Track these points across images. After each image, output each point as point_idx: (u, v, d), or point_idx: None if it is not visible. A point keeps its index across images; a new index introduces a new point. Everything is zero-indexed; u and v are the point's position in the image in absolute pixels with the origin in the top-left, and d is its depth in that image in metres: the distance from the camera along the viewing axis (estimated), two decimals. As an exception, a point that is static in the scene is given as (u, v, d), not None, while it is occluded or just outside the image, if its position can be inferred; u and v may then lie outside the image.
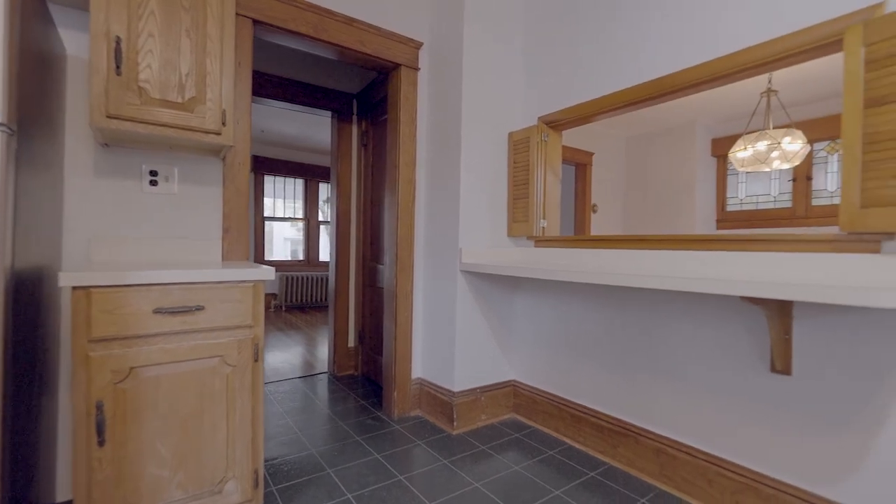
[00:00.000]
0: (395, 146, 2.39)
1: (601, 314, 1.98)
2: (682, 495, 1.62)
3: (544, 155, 2.25)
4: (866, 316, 1.23)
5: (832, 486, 1.29)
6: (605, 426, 1.92)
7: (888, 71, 1.14)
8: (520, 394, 2.37)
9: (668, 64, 1.73)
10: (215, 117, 1.55)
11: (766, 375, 1.43)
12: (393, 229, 2.41)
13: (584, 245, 2.07)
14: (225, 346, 1.35)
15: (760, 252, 1.43)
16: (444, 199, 2.32)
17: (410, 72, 2.40)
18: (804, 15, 1.35)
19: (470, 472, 1.81)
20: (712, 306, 1.58)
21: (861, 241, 1.22)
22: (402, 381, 2.39)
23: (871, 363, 1.22)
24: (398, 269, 2.38)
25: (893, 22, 1.13)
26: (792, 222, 4.25)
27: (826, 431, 1.31)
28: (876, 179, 1.16)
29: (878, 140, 1.16)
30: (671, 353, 1.71)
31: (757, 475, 1.44)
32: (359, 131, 3.21)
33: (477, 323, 2.29)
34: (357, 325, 3.22)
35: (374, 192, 3.01)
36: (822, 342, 1.31)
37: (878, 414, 1.21)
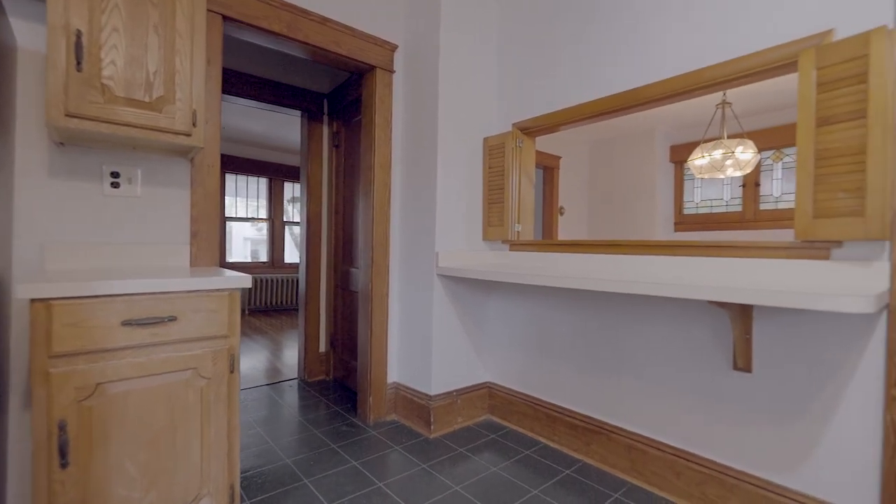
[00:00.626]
0: (370, 149, 2.37)
1: (575, 316, 2.04)
2: (652, 488, 1.71)
3: (519, 160, 2.30)
4: (817, 317, 1.34)
5: (787, 474, 1.40)
6: (578, 425, 1.98)
7: (837, 93, 1.25)
8: (495, 395, 2.41)
9: (637, 77, 1.81)
10: (185, 118, 1.48)
11: (728, 373, 1.53)
12: (368, 232, 2.39)
13: (557, 249, 2.12)
14: (199, 357, 1.29)
15: (724, 258, 1.52)
16: (420, 202, 2.32)
17: (385, 74, 2.38)
18: (763, 38, 1.45)
19: (449, 475, 1.83)
20: (680, 309, 1.67)
21: (813, 248, 1.33)
22: (377, 386, 2.37)
23: (821, 359, 1.33)
24: (373, 273, 2.35)
25: (841, 49, 1.24)
26: (742, 225, 4.54)
27: (782, 423, 1.41)
28: (826, 192, 1.27)
29: (828, 156, 1.26)
30: (641, 353, 1.79)
31: (721, 466, 1.53)
32: (330, 132, 3.15)
33: (453, 326, 2.31)
34: (329, 330, 3.16)
35: (347, 194, 2.96)
36: (779, 341, 1.42)
37: (827, 406, 1.32)
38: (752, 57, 1.44)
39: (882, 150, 1.17)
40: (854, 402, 1.27)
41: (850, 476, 1.28)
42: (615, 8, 1.90)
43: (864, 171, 1.20)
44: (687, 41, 1.65)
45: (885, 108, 1.17)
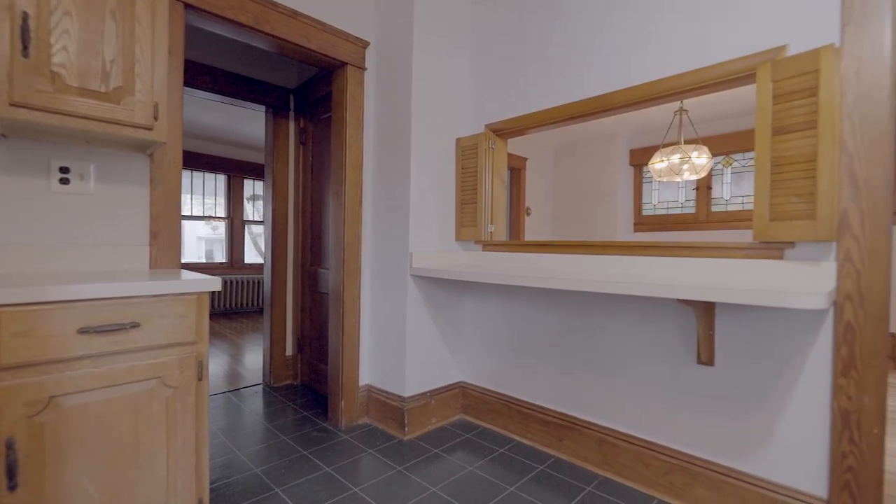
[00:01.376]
0: (341, 147, 2.32)
1: (548, 315, 2.09)
2: (623, 480, 1.77)
3: (491, 161, 2.32)
4: (773, 313, 1.44)
5: (746, 460, 1.49)
6: (551, 421, 2.03)
7: (790, 105, 1.34)
8: (468, 394, 2.42)
9: (607, 83, 1.88)
10: (146, 110, 1.39)
11: (693, 367, 1.61)
12: (339, 233, 2.33)
13: (530, 250, 2.16)
14: (165, 365, 1.22)
15: (688, 258, 1.60)
16: (393, 202, 2.29)
17: (357, 71, 2.34)
18: (725, 50, 1.54)
19: (426, 476, 1.82)
20: (649, 307, 1.74)
21: (769, 249, 1.43)
22: (349, 389, 2.33)
23: (777, 352, 1.43)
24: (345, 274, 2.31)
25: (794, 64, 1.33)
26: (696, 226, 4.80)
27: (742, 413, 1.50)
28: (781, 197, 1.36)
29: (783, 164, 1.36)
30: (612, 349, 1.85)
31: (686, 456, 1.62)
32: (296, 128, 3.06)
33: (427, 326, 2.30)
34: (296, 332, 3.07)
35: (315, 193, 2.89)
36: (739, 336, 1.51)
37: (782, 395, 1.42)
38: (716, 67, 1.52)
39: (830, 159, 1.27)
40: (805, 391, 1.38)
41: (803, 459, 1.38)
42: (585, 17, 1.96)
43: (815, 177, 1.29)
44: (654, 51, 1.73)
45: (833, 120, 1.27)
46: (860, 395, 1.27)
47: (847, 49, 1.29)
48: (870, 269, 1.26)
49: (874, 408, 1.26)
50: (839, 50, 1.29)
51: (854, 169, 1.29)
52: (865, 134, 1.27)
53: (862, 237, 1.27)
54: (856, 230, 1.28)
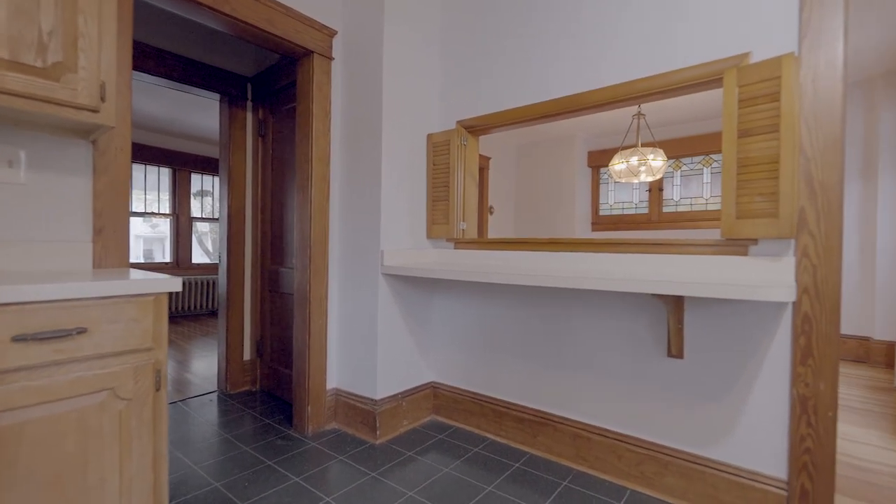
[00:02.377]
0: (307, 140, 2.21)
1: (521, 313, 2.09)
2: (596, 473, 1.81)
3: (463, 158, 2.29)
4: (739, 307, 1.51)
5: (714, 447, 1.56)
6: (525, 418, 2.04)
7: (755, 109, 1.42)
8: (440, 394, 2.38)
9: (579, 83, 1.90)
10: (91, 90, 1.24)
11: (663, 360, 1.67)
12: (305, 230, 2.22)
13: (503, 247, 2.16)
14: (117, 375, 1.09)
15: (657, 254, 1.66)
16: (363, 199, 2.21)
17: (324, 61, 2.24)
18: (693, 54, 1.60)
19: (401, 481, 1.77)
20: (621, 303, 1.78)
21: (735, 245, 1.50)
22: (316, 394, 2.22)
23: (741, 344, 1.51)
24: (311, 273, 2.20)
25: (758, 70, 1.41)
26: (648, 225, 5.04)
27: (709, 402, 1.57)
28: (746, 196, 1.43)
29: (748, 164, 1.43)
30: (585, 345, 1.88)
31: (657, 446, 1.67)
32: (255, 119, 2.89)
33: (398, 326, 2.24)
34: (254, 336, 2.90)
35: (276, 188, 2.74)
36: (707, 330, 1.58)
37: (746, 384, 1.50)
38: (685, 71, 1.58)
39: (791, 161, 1.35)
40: (767, 380, 1.46)
41: (765, 444, 1.46)
42: (559, 16, 1.98)
43: (777, 178, 1.37)
44: (625, 53, 1.77)
45: (793, 124, 1.35)
46: (816, 381, 1.36)
47: (805, 59, 1.38)
48: (825, 264, 1.35)
49: (828, 393, 1.35)
50: (798, 59, 1.38)
51: (811, 171, 1.37)
52: (821, 139, 1.36)
53: (818, 234, 1.36)
54: (812, 228, 1.37)
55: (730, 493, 1.51)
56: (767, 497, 1.44)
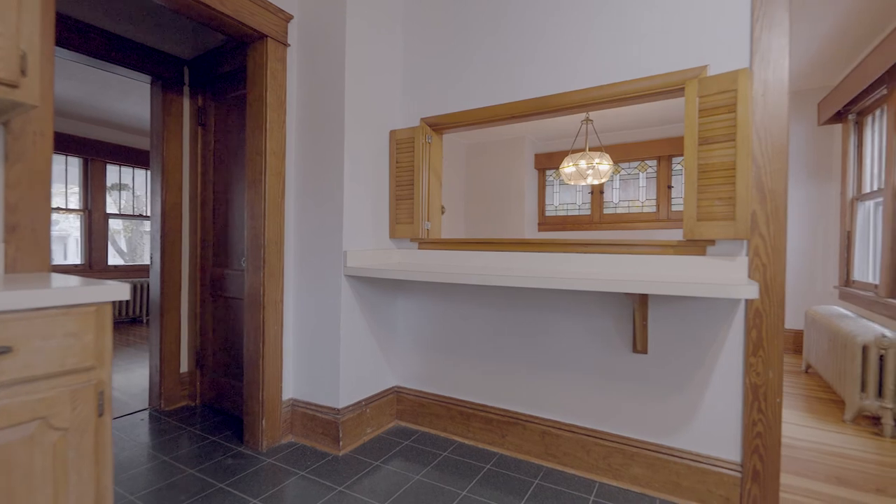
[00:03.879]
0: (260, 131, 2.04)
1: (488, 313, 2.09)
2: (566, 468, 1.85)
3: (428, 156, 2.24)
4: (699, 303, 1.61)
5: (675, 436, 1.65)
6: (494, 419, 2.03)
7: (713, 119, 1.51)
8: (404, 399, 2.32)
9: (551, 86, 1.93)
10: (9, 61, 1.03)
11: (629, 356, 1.74)
12: (258, 229, 2.05)
13: (469, 247, 2.14)
14: (51, 401, 0.92)
15: (626, 255, 1.72)
16: (323, 196, 2.08)
17: (279, 47, 2.08)
18: (656, 64, 1.68)
19: (371, 493, 1.68)
20: (588, 301, 1.83)
21: (695, 246, 1.59)
22: (271, 406, 2.06)
23: (700, 338, 1.61)
24: (265, 276, 2.03)
25: (717, 82, 1.51)
26: (591, 226, 5.30)
27: (671, 394, 1.66)
28: (706, 200, 1.53)
29: (708, 170, 1.52)
30: (552, 344, 1.92)
31: (623, 438, 1.74)
32: (193, 106, 2.62)
33: (361, 331, 2.14)
34: (193, 345, 2.64)
35: (220, 183, 2.51)
36: (668, 325, 1.66)
37: (705, 375, 1.60)
38: (651, 79, 1.66)
39: (746, 168, 1.46)
40: (723, 371, 1.57)
41: (721, 430, 1.57)
42: (529, 18, 1.99)
43: (733, 184, 1.48)
44: (596, 57, 1.82)
45: (747, 134, 1.46)
46: (766, 370, 1.49)
47: (756, 74, 1.50)
48: (773, 263, 1.48)
49: (776, 381, 1.48)
50: (751, 73, 1.49)
51: (761, 178, 1.50)
52: (769, 148, 1.48)
53: (767, 236, 1.49)
54: (762, 230, 1.49)
55: (690, 478, 1.61)
56: (723, 479, 1.56)
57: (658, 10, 1.69)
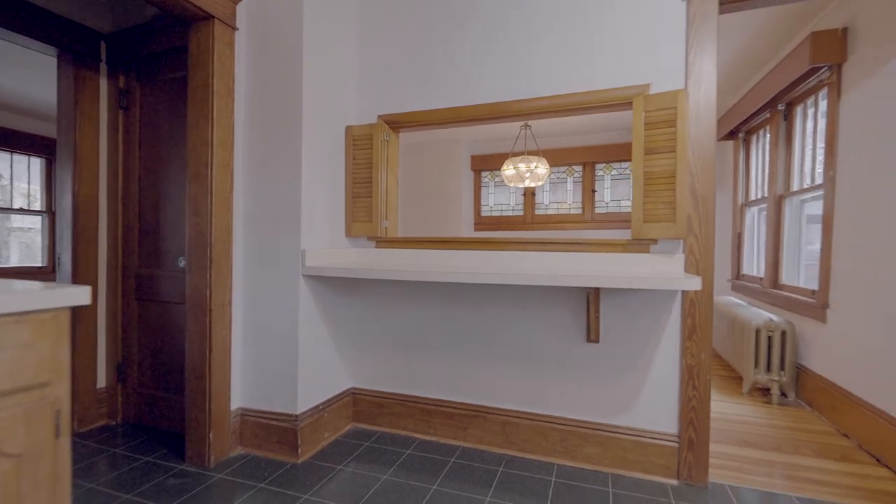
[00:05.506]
0: (206, 120, 1.88)
1: (448, 310, 2.13)
2: (526, 454, 1.95)
3: (387, 154, 2.23)
4: (645, 295, 1.80)
5: (623, 416, 1.83)
6: (455, 413, 2.09)
7: (656, 132, 1.71)
8: (361, 400, 2.28)
9: (504, 92, 2.02)
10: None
11: (583, 345, 1.89)
12: (203, 226, 1.88)
13: (427, 246, 2.17)
14: (1, 423, 0.78)
15: (581, 252, 1.87)
16: (278, 193, 1.97)
17: (227, 30, 1.93)
18: (605, 80, 1.85)
19: (340, 498, 1.64)
20: (546, 296, 1.96)
21: (641, 244, 1.78)
22: (219, 417, 1.91)
23: (645, 327, 1.80)
24: (212, 277, 1.88)
25: (660, 100, 1.70)
26: (523, 226, 5.59)
27: (620, 378, 1.84)
28: (651, 204, 1.72)
29: (652, 178, 1.72)
30: (512, 337, 2.01)
31: (578, 422, 1.89)
32: (114, 87, 2.32)
33: (319, 332, 2.07)
34: (113, 357, 2.34)
35: (148, 174, 2.26)
36: (618, 316, 1.84)
37: (649, 359, 1.80)
38: (604, 92, 1.82)
39: (683, 176, 1.67)
40: (664, 354, 1.78)
41: (662, 407, 1.78)
42: (487, 24, 2.07)
43: (674, 190, 1.68)
44: (550, 69, 1.95)
45: (685, 146, 1.67)
46: (699, 352, 1.72)
47: (691, 94, 1.72)
48: (704, 259, 1.71)
49: (707, 361, 1.71)
50: (687, 93, 1.71)
51: (694, 185, 1.72)
52: (701, 159, 1.71)
53: (699, 236, 1.71)
54: (696, 230, 1.72)
55: (635, 452, 1.80)
56: (664, 450, 1.76)
57: (607, 31, 1.86)
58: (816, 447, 2.11)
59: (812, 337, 2.65)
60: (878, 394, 2.02)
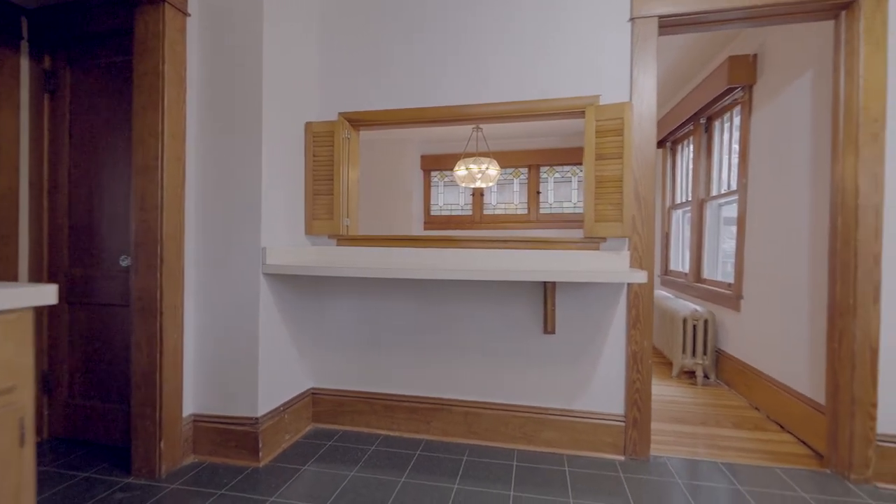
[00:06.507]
0: (156, 110, 1.77)
1: (410, 307, 2.17)
2: (488, 442, 2.05)
3: (348, 152, 2.22)
4: (597, 288, 1.96)
5: (577, 400, 1.99)
6: (418, 407, 2.13)
7: (606, 140, 1.87)
8: (321, 400, 2.25)
9: (464, 96, 2.10)
10: None
11: (540, 336, 2.02)
12: (153, 222, 1.77)
13: (389, 244, 2.19)
14: (-41, 437, 0.72)
15: (538, 250, 2.00)
16: (236, 188, 1.90)
17: (178, 15, 1.82)
18: (558, 89, 1.99)
19: (309, 498, 1.63)
20: (505, 291, 2.06)
21: (592, 242, 1.94)
22: (171, 424, 1.81)
23: (596, 318, 1.96)
24: (163, 277, 1.77)
25: (609, 110, 1.87)
26: (472, 225, 5.74)
27: (573, 366, 1.99)
28: (602, 205, 1.88)
29: (603, 181, 1.88)
30: (473, 331, 2.10)
31: (536, 409, 2.01)
32: (37, 69, 2.10)
33: (280, 333, 2.02)
34: (38, 366, 2.11)
35: (81, 165, 2.07)
36: (572, 308, 1.99)
37: (599, 347, 1.97)
38: (559, 101, 1.95)
39: (629, 180, 1.84)
40: (612, 342, 1.95)
41: (610, 390, 1.95)
42: (446, 27, 2.13)
43: (621, 192, 1.85)
44: (508, 75, 2.05)
45: (630, 153, 1.85)
46: (642, 339, 1.90)
47: (635, 106, 1.90)
48: (646, 255, 1.90)
49: (648, 348, 1.91)
50: (631, 105, 1.89)
51: (638, 188, 1.90)
52: (643, 165, 1.90)
53: (642, 234, 1.90)
54: (639, 229, 1.90)
55: (587, 433, 1.96)
56: (612, 429, 1.94)
57: (560, 45, 2.00)
58: (734, 420, 2.41)
59: (729, 325, 3.01)
60: (781, 371, 2.35)
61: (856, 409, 1.73)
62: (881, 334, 1.71)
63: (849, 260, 1.75)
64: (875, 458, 1.71)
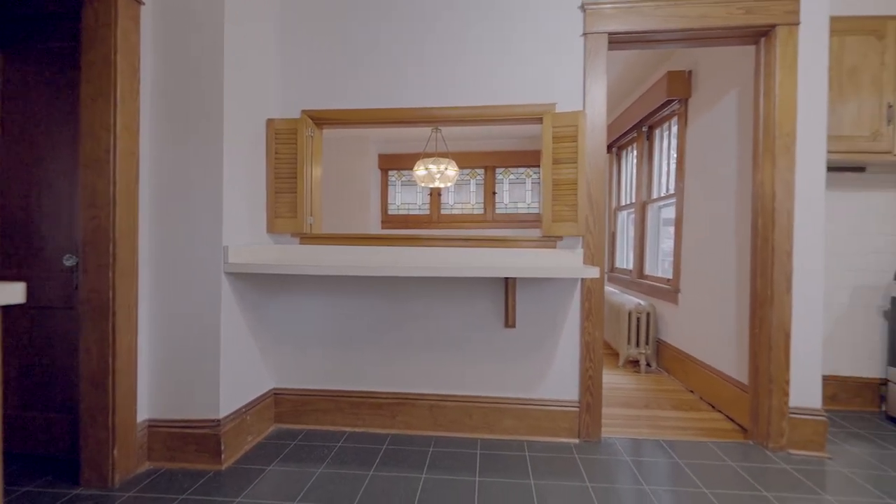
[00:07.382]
0: (107, 101, 1.68)
1: (374, 304, 2.20)
2: (453, 433, 2.13)
3: (311, 150, 2.21)
4: (554, 283, 2.09)
5: (535, 389, 2.11)
6: (384, 402, 2.17)
7: (562, 145, 2.01)
8: (283, 400, 2.23)
9: (429, 98, 2.17)
10: None
11: (502, 331, 2.13)
12: (104, 219, 1.69)
13: (353, 242, 2.22)
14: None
15: (499, 248, 2.10)
16: (195, 185, 1.85)
17: (132, 3, 1.74)
18: (517, 96, 2.10)
19: (276, 496, 1.62)
20: (468, 287, 2.15)
21: (549, 241, 2.07)
22: (125, 431, 1.73)
23: (553, 311, 2.10)
24: (116, 277, 1.69)
25: (565, 118, 2.00)
26: (430, 225, 5.81)
27: (533, 357, 2.11)
28: (558, 206, 2.01)
29: (559, 184, 2.01)
30: (436, 327, 2.17)
31: (498, 399, 2.12)
32: (-39, 51, 1.92)
33: (242, 332, 1.98)
34: (-37, 375, 1.93)
35: (11, 159, 1.92)
36: (531, 303, 2.11)
37: (556, 339, 2.10)
38: (518, 107, 2.06)
39: (583, 183, 1.99)
40: (568, 334, 2.09)
41: (566, 378, 2.09)
42: (413, 28, 2.18)
43: (576, 194, 1.99)
44: (469, 81, 2.14)
45: (583, 159, 1.99)
46: (594, 330, 2.06)
47: (588, 115, 2.05)
48: (597, 253, 2.06)
49: (600, 338, 2.07)
50: (585, 114, 2.04)
51: (590, 192, 2.06)
52: (594, 169, 2.05)
53: (594, 233, 2.05)
54: (591, 229, 2.06)
55: (545, 419, 2.09)
56: (567, 415, 2.08)
57: (517, 55, 2.11)
58: (673, 402, 2.65)
59: (669, 316, 3.29)
60: (711, 356, 2.62)
61: (773, 387, 1.98)
62: (793, 320, 1.97)
63: (767, 256, 2.00)
64: (788, 429, 1.97)
